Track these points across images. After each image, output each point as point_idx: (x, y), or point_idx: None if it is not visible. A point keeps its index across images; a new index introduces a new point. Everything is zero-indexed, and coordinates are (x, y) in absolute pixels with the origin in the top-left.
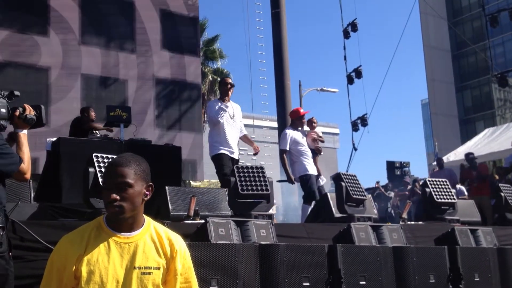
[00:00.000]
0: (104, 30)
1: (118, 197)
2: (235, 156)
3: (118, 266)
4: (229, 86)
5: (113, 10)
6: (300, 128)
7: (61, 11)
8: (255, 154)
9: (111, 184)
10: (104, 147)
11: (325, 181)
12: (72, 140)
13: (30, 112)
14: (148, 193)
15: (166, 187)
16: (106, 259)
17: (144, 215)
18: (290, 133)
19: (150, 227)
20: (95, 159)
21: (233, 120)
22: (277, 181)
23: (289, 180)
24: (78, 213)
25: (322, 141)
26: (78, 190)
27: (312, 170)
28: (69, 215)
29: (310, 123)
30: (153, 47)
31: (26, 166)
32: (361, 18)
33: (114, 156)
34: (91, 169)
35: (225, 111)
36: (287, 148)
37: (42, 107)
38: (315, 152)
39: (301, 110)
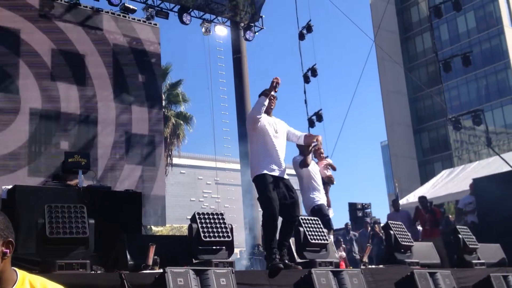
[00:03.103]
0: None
1: None
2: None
3: None
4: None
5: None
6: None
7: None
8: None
9: None
10: (62, 195)
11: (333, 214)
12: (28, 188)
13: None
14: (7, 251)
15: (124, 235)
16: None
17: (17, 270)
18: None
19: (25, 282)
20: (46, 210)
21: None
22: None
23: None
24: (32, 263)
25: (334, 169)
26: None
27: (323, 200)
28: (23, 265)
29: (319, 153)
30: (113, 90)
31: None
32: (320, 64)
33: (71, 205)
34: (40, 221)
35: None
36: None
37: None
38: (326, 182)
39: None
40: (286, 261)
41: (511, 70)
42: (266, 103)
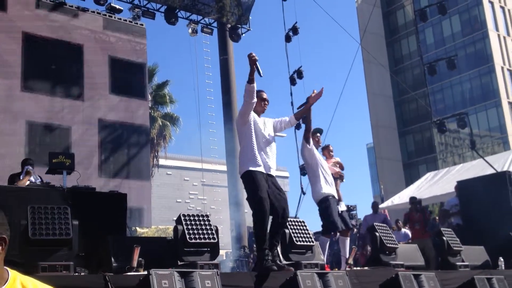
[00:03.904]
0: (49, 74)
1: None
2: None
3: None
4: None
5: (60, 54)
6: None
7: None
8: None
9: None
10: (46, 196)
11: (345, 208)
12: (10, 189)
13: None
14: None
15: (109, 237)
16: None
17: (9, 270)
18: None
19: (16, 282)
20: (29, 211)
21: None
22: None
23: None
24: (15, 264)
25: (342, 168)
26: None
27: (333, 192)
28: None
29: (328, 151)
30: (100, 90)
31: None
32: (306, 66)
33: (54, 207)
34: (23, 222)
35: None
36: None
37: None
38: (336, 178)
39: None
40: (279, 262)
41: (495, 73)
42: (254, 88)
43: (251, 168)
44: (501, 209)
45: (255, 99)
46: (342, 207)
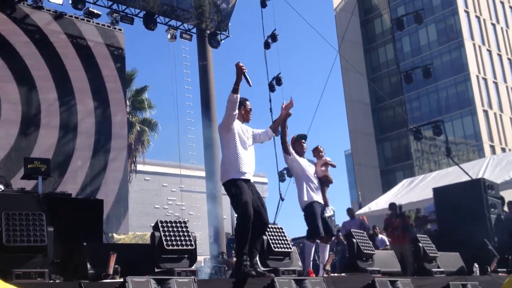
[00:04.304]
0: (26, 76)
1: None
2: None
3: None
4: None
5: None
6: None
7: None
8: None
9: None
10: (21, 202)
11: (332, 213)
12: None
13: None
14: None
15: (85, 244)
16: None
17: None
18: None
19: None
20: (4, 217)
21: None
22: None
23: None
24: None
25: (333, 166)
26: None
27: (317, 198)
28: None
29: (317, 151)
30: (77, 95)
31: None
32: (285, 72)
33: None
34: None
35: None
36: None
37: None
38: (324, 182)
39: (294, 136)
40: (259, 269)
41: (470, 82)
42: (238, 98)
43: (234, 177)
44: (476, 216)
45: (237, 111)
46: (328, 213)
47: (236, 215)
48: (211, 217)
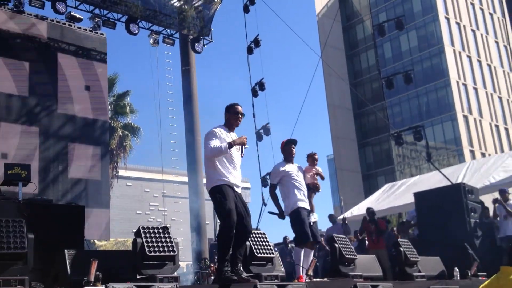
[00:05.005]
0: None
1: None
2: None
3: None
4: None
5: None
6: (294, 163)
7: None
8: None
9: None
10: (0, 208)
11: (317, 219)
12: None
13: None
14: None
15: (65, 250)
16: None
17: None
18: (280, 166)
19: None
20: None
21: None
22: (268, 212)
23: (280, 215)
24: None
25: (322, 178)
26: None
27: (303, 204)
28: None
29: (312, 159)
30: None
31: None
32: (268, 78)
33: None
34: None
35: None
36: (275, 183)
37: None
38: (312, 189)
39: (285, 140)
40: (242, 275)
41: (451, 87)
42: (227, 152)
43: (219, 183)
44: (456, 220)
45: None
46: (313, 219)
47: (219, 221)
48: (194, 222)
